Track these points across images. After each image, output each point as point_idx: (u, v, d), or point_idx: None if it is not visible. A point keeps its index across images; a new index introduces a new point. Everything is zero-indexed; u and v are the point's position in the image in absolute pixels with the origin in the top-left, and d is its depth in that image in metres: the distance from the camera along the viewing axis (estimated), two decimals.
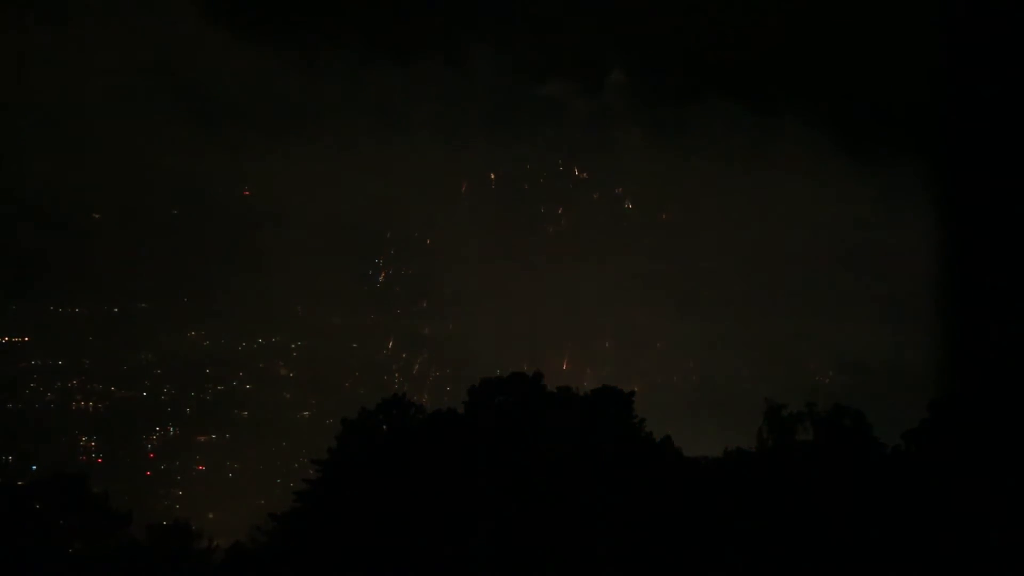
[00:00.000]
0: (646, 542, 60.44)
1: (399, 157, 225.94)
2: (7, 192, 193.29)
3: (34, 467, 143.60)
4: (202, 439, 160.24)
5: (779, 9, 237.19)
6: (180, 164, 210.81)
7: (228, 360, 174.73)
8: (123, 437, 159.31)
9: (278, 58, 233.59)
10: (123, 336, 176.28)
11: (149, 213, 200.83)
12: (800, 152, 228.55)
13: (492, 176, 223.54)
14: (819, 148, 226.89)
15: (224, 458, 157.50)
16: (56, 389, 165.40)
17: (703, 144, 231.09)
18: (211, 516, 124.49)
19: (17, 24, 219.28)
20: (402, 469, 62.68)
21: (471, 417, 65.16)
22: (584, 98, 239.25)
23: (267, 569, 63.46)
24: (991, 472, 61.26)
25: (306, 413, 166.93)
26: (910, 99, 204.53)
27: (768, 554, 60.05)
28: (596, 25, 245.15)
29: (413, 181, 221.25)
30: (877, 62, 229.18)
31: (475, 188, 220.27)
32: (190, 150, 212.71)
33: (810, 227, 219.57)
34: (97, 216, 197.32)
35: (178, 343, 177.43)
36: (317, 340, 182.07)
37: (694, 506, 61.55)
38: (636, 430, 65.59)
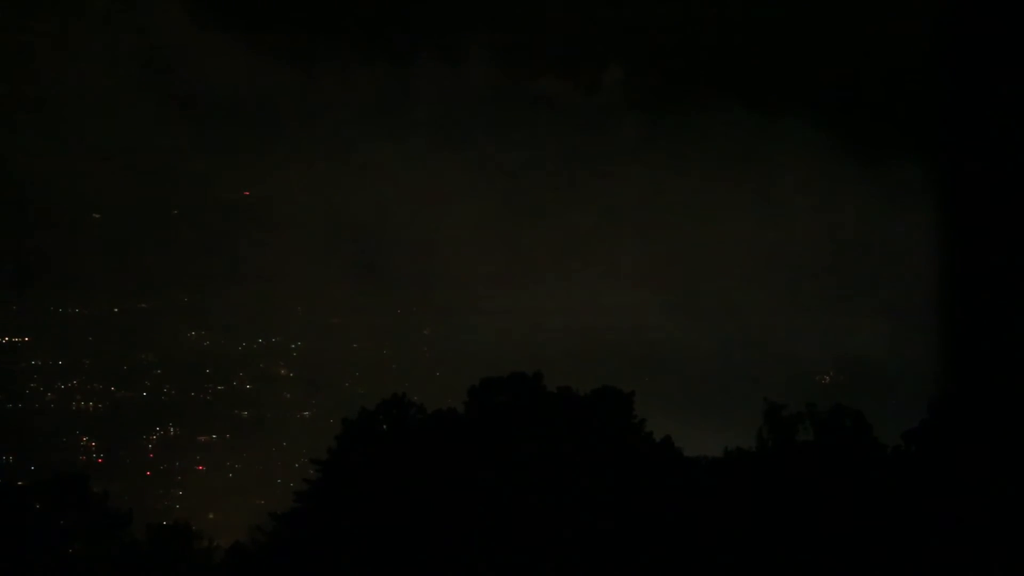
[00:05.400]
0: (646, 542, 60.48)
1: (398, 156, 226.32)
2: (7, 192, 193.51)
3: (34, 467, 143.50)
4: (202, 439, 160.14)
5: (779, 8, 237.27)
6: (180, 164, 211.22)
7: (228, 360, 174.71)
8: (123, 437, 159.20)
9: (277, 58, 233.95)
10: (123, 336, 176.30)
11: (149, 213, 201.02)
12: (800, 150, 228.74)
13: (490, 175, 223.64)
14: (819, 146, 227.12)
15: (224, 458, 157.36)
16: (56, 389, 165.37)
17: (702, 143, 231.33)
18: (211, 516, 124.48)
19: (17, 24, 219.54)
20: (402, 469, 62.71)
21: (471, 417, 65.14)
22: (582, 97, 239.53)
23: (267, 569, 63.47)
24: (991, 472, 61.23)
25: (306, 413, 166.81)
26: (911, 98, 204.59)
27: (768, 554, 60.07)
28: (595, 24, 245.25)
29: (412, 180, 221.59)
30: (877, 61, 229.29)
31: (474, 187, 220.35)
32: (190, 150, 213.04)
33: (810, 226, 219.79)
34: (97, 216, 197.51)
35: (178, 343, 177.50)
36: (317, 340, 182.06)
37: (694, 506, 61.57)
38: (636, 430, 65.59)
